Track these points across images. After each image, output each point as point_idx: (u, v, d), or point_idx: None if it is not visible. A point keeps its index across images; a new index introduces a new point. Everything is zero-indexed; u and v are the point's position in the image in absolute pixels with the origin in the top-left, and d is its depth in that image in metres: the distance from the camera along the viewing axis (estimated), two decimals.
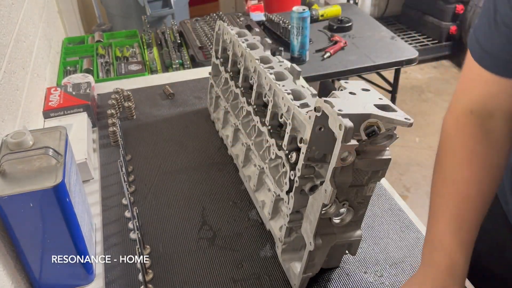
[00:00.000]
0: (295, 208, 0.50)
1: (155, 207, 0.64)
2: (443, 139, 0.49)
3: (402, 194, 1.68)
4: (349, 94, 0.44)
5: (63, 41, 1.26)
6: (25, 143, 0.48)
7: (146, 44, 1.29)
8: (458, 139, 0.48)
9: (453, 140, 0.48)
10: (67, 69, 1.11)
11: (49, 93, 0.84)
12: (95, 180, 0.70)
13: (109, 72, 1.13)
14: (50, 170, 0.46)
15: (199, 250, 0.57)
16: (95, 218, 0.62)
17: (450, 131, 0.49)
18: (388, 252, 0.57)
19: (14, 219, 0.45)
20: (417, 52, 1.36)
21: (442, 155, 0.49)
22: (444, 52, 2.49)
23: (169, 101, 0.90)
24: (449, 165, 0.48)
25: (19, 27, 0.78)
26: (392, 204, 0.64)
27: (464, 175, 0.47)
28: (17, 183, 0.45)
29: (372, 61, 1.31)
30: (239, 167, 0.68)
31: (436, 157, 0.50)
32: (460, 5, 2.32)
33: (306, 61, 1.30)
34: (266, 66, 0.59)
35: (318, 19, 1.56)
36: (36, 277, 0.50)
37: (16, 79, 0.69)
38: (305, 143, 0.45)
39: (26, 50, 0.80)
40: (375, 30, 1.51)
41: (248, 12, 1.49)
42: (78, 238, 0.50)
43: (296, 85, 0.54)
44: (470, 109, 0.47)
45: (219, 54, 0.77)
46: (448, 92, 2.29)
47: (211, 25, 1.40)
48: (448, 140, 0.49)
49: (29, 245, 0.48)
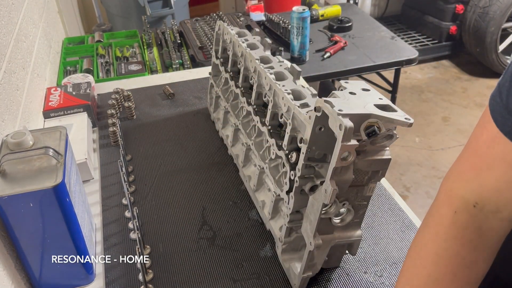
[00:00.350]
0: (295, 208, 0.50)
1: (155, 207, 0.64)
2: (429, 228, 0.37)
3: (402, 194, 1.68)
4: (349, 94, 0.44)
5: (63, 41, 1.26)
6: (25, 143, 0.48)
7: (146, 44, 1.29)
8: (447, 243, 0.36)
9: (440, 240, 0.36)
10: (67, 69, 1.11)
11: (49, 93, 0.84)
12: (95, 180, 0.70)
13: (109, 72, 1.13)
14: (50, 170, 0.46)
15: (199, 250, 0.57)
16: (95, 218, 0.62)
17: (441, 227, 0.37)
18: (388, 252, 0.57)
19: (14, 219, 0.45)
20: (417, 52, 1.36)
21: (420, 247, 0.38)
22: (444, 52, 2.49)
23: (169, 101, 0.90)
24: (426, 266, 0.36)
25: (19, 27, 0.78)
26: (392, 204, 0.64)
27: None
28: (17, 183, 0.44)
29: (372, 61, 1.31)
30: (239, 167, 0.68)
31: (414, 244, 0.39)
32: (460, 5, 2.32)
33: (306, 61, 1.30)
34: (266, 66, 0.59)
35: (318, 19, 1.56)
36: (36, 277, 0.50)
37: (16, 79, 0.69)
38: (305, 143, 0.45)
39: (26, 50, 0.80)
40: (375, 30, 1.51)
41: (248, 12, 1.49)
42: (78, 238, 0.50)
43: (296, 85, 0.54)
44: (476, 201, 0.35)
45: (219, 54, 0.77)
46: (448, 92, 2.29)
47: (211, 25, 1.40)
48: (434, 236, 0.37)
49: (29, 245, 0.48)
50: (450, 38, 2.44)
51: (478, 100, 2.24)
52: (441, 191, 0.39)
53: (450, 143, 1.96)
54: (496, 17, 2.19)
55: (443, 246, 0.37)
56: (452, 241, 0.36)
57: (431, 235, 0.38)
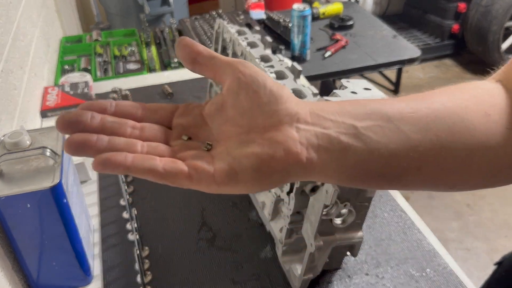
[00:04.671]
0: (295, 209, 0.49)
1: (154, 208, 0.64)
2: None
3: (404, 195, 1.67)
4: (351, 93, 0.43)
5: (61, 40, 1.25)
6: (23, 143, 0.48)
7: (145, 43, 1.28)
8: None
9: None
10: (65, 68, 1.11)
11: (46, 92, 0.83)
12: (93, 181, 0.69)
13: (107, 71, 1.13)
14: (48, 170, 0.46)
15: (199, 251, 0.57)
16: (93, 219, 0.62)
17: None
18: (390, 253, 0.56)
19: (11, 220, 0.45)
20: (419, 51, 1.35)
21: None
22: (446, 51, 2.47)
23: (168, 101, 0.90)
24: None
25: (17, 26, 0.78)
26: (393, 205, 0.64)
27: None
28: (14, 184, 0.44)
29: (373, 60, 1.30)
30: None
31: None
32: (462, 3, 2.31)
33: (307, 60, 1.29)
34: (267, 65, 0.58)
35: (319, 18, 1.55)
36: (34, 278, 0.50)
37: (13, 79, 0.69)
38: None
39: (24, 49, 0.80)
40: (377, 28, 1.50)
41: (248, 10, 1.48)
42: (76, 239, 0.49)
43: (297, 84, 0.53)
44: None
45: (219, 52, 0.76)
46: None
47: (210, 23, 1.39)
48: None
49: (27, 246, 0.47)
50: (453, 37, 2.43)
51: None
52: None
53: None
54: (499, 16, 2.17)
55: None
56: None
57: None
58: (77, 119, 0.25)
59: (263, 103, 0.26)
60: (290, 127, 0.26)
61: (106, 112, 0.27)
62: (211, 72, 0.28)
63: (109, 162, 0.24)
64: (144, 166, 0.24)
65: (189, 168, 0.25)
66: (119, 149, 0.25)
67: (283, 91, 0.27)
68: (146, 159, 0.25)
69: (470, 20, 2.27)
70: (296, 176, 0.27)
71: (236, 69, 0.27)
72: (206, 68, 0.28)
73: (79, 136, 0.25)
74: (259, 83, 0.27)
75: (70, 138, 0.24)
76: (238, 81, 0.27)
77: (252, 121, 0.27)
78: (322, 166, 0.26)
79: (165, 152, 0.27)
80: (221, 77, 0.28)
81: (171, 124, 0.29)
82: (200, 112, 0.29)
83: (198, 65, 0.28)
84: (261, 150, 0.26)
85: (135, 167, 0.24)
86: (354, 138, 0.26)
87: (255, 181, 0.26)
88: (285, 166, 0.26)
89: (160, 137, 0.28)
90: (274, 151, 0.25)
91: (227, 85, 0.28)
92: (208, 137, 0.28)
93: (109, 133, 0.26)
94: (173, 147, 0.28)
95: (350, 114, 0.27)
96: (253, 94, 0.27)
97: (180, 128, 0.29)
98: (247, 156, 0.26)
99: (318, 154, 0.26)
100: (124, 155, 0.24)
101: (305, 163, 0.26)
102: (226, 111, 0.28)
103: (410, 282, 0.52)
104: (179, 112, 0.30)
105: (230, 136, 0.27)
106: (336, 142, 0.26)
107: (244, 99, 0.27)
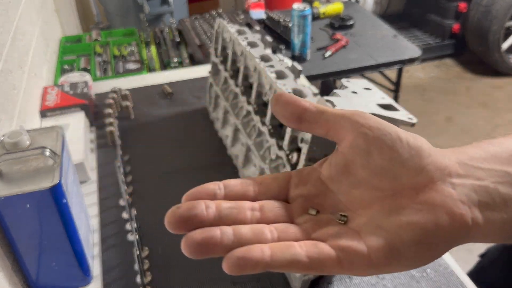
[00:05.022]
0: None
1: (154, 208, 0.63)
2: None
3: None
4: (351, 93, 0.43)
5: (61, 40, 1.25)
6: (22, 143, 0.48)
7: (144, 43, 1.28)
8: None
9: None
10: (65, 68, 1.10)
11: (46, 92, 0.83)
12: (93, 181, 0.69)
13: (106, 71, 1.12)
14: (47, 170, 0.46)
15: None
16: (92, 219, 0.61)
17: None
18: None
19: (11, 220, 0.45)
20: (420, 51, 1.35)
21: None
22: (446, 51, 2.47)
23: (167, 101, 0.89)
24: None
25: (17, 26, 0.78)
26: None
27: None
28: (13, 184, 0.44)
29: (374, 59, 1.30)
30: (239, 167, 0.67)
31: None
32: (463, 3, 2.31)
33: (307, 59, 1.29)
34: (267, 65, 0.58)
35: (319, 17, 1.55)
36: (33, 278, 0.50)
37: (13, 78, 0.69)
38: (306, 143, 0.44)
39: (23, 49, 0.80)
40: (377, 28, 1.49)
41: (248, 10, 1.48)
42: (75, 240, 0.49)
43: (297, 84, 0.53)
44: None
45: (219, 52, 0.76)
46: (451, 92, 2.28)
47: (210, 23, 1.39)
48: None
49: (26, 247, 0.47)
50: (453, 37, 2.42)
51: (481, 99, 2.22)
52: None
53: (453, 143, 1.95)
54: (499, 16, 2.17)
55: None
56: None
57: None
58: (190, 213, 0.21)
59: (405, 160, 0.23)
60: (444, 184, 0.23)
61: (216, 197, 0.24)
62: (322, 129, 0.25)
63: (245, 261, 0.20)
64: (286, 258, 0.20)
65: (336, 251, 0.21)
66: (247, 240, 0.21)
67: (420, 141, 0.24)
68: (284, 248, 0.21)
69: (471, 20, 2.27)
70: (459, 243, 0.23)
71: (356, 123, 0.24)
72: (316, 126, 0.25)
73: (200, 234, 0.21)
74: (392, 136, 0.23)
75: (189, 238, 0.21)
76: (364, 137, 0.23)
77: (395, 182, 0.23)
78: (486, 226, 0.23)
79: (297, 234, 0.23)
80: (337, 133, 0.24)
81: (287, 196, 0.25)
82: (318, 177, 0.25)
83: (306, 123, 0.25)
84: (421, 218, 0.22)
85: (276, 262, 0.20)
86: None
87: (419, 256, 0.22)
88: (451, 233, 0.22)
89: (283, 215, 0.24)
90: (436, 217, 0.22)
91: (349, 143, 0.24)
92: (336, 206, 0.24)
93: (229, 222, 0.22)
94: (302, 225, 0.23)
95: (496, 159, 0.24)
96: (389, 150, 0.23)
97: (301, 200, 0.25)
98: (405, 227, 0.22)
99: (481, 212, 0.22)
100: (260, 250, 0.20)
101: (470, 226, 0.22)
102: (354, 172, 0.24)
103: (411, 283, 0.52)
104: (294, 181, 0.26)
105: (369, 203, 0.23)
106: (496, 195, 0.23)
107: (379, 157, 0.23)
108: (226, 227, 0.21)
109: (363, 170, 0.23)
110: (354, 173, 0.24)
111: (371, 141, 0.23)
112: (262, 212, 0.24)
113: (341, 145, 0.24)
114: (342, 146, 0.24)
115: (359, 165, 0.24)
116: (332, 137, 0.25)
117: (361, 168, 0.24)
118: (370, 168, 0.23)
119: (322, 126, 0.25)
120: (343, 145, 0.24)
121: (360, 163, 0.24)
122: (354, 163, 0.24)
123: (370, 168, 0.23)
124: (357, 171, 0.24)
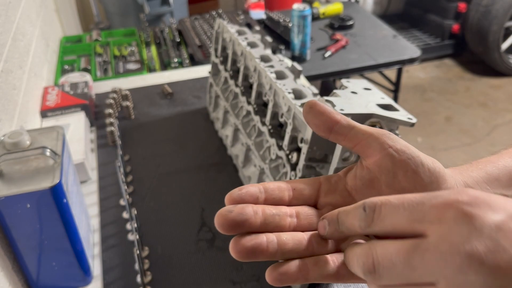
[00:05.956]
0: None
1: (154, 208, 0.63)
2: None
3: None
4: (351, 93, 0.43)
5: (61, 40, 1.25)
6: (22, 143, 0.48)
7: (144, 43, 1.28)
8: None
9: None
10: (65, 68, 1.11)
11: (46, 92, 0.83)
12: (93, 181, 0.69)
13: (107, 71, 1.12)
14: (47, 170, 0.46)
15: (198, 251, 0.56)
16: (92, 219, 0.62)
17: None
18: None
19: (11, 220, 0.45)
20: (419, 51, 1.35)
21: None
22: (446, 51, 2.47)
23: (167, 101, 0.90)
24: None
25: (17, 26, 0.78)
26: None
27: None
28: (14, 184, 0.44)
29: (374, 60, 1.30)
30: (239, 167, 0.68)
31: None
32: (463, 3, 2.31)
33: (307, 60, 1.29)
34: (267, 65, 0.58)
35: (319, 17, 1.55)
36: (33, 278, 0.50)
37: (13, 79, 0.69)
38: (306, 143, 0.44)
39: (24, 49, 0.80)
40: (377, 28, 1.50)
41: (248, 10, 1.48)
42: (75, 239, 0.49)
43: (297, 84, 0.53)
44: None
45: (219, 52, 0.76)
46: (451, 92, 2.28)
47: (210, 23, 1.39)
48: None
49: (27, 246, 0.47)
50: (453, 37, 2.42)
51: (481, 99, 2.22)
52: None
53: (453, 143, 1.95)
54: (499, 16, 2.17)
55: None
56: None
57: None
58: (241, 218, 0.23)
59: (426, 184, 0.25)
60: None
61: (258, 201, 0.25)
62: (350, 143, 0.27)
63: (285, 276, 0.23)
64: (322, 273, 0.23)
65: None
66: (289, 250, 0.24)
67: (438, 167, 0.26)
68: (320, 264, 0.23)
69: (471, 20, 2.27)
70: None
71: (384, 143, 0.25)
72: (345, 138, 0.27)
73: (249, 241, 0.23)
74: (416, 160, 0.25)
75: (239, 244, 0.23)
76: (391, 158, 0.25)
77: None
78: None
79: (330, 245, 0.25)
80: (364, 150, 0.26)
81: (316, 202, 0.28)
82: (345, 187, 0.28)
83: (335, 134, 0.27)
84: None
85: (312, 277, 0.23)
86: None
87: None
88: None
89: (316, 223, 0.26)
90: None
91: (376, 162, 0.26)
92: None
93: (271, 227, 0.24)
94: None
95: (497, 182, 0.27)
96: (413, 174, 0.25)
97: (330, 208, 0.26)
98: None
99: None
100: (299, 266, 0.23)
101: None
102: (378, 188, 0.26)
103: None
104: (324, 189, 0.28)
105: None
106: None
107: (404, 179, 0.25)
108: (271, 235, 0.24)
109: (387, 188, 0.26)
110: (378, 189, 0.26)
111: (397, 163, 0.25)
112: (298, 219, 0.26)
113: (366, 160, 0.26)
114: (368, 162, 0.26)
115: (383, 182, 0.26)
116: (358, 152, 0.27)
117: (385, 186, 0.26)
118: (394, 188, 0.25)
119: (351, 140, 0.26)
120: (369, 161, 0.26)
121: (385, 182, 0.26)
122: (379, 180, 0.26)
123: (394, 187, 0.25)
124: (381, 188, 0.26)
